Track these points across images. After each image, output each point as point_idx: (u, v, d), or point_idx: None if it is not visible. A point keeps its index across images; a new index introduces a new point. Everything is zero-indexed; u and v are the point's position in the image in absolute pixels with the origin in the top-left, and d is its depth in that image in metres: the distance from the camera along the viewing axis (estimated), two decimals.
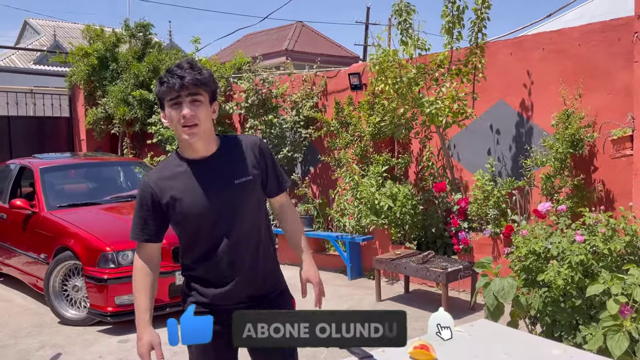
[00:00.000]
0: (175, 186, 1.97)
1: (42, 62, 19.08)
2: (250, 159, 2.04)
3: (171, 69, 1.91)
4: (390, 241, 6.07)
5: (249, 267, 2.01)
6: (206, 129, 1.94)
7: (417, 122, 5.91)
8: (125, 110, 8.92)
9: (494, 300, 3.47)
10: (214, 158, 2.00)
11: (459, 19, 5.38)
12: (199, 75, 1.90)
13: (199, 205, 1.95)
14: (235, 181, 1.98)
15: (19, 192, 6.50)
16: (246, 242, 2.01)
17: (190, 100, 1.89)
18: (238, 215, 1.98)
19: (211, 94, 1.96)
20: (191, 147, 1.95)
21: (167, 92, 1.90)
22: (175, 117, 1.91)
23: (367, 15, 22.36)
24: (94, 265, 4.74)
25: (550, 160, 4.99)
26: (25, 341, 4.61)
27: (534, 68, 5.49)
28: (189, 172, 1.97)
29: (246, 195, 2.00)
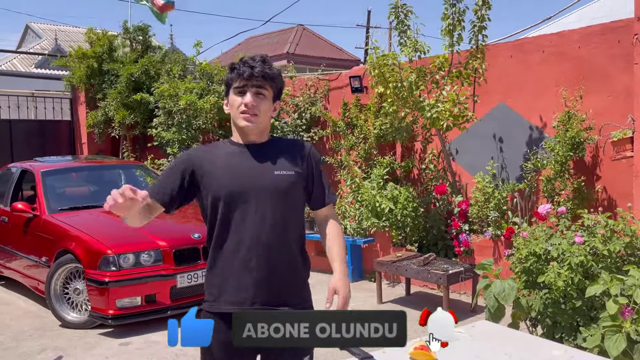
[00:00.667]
0: (216, 162, 1.98)
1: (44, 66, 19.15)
2: (295, 157, 2.03)
3: (244, 59, 1.96)
4: (392, 243, 6.07)
5: (274, 262, 1.94)
6: (263, 122, 1.98)
7: (418, 125, 5.92)
8: (125, 114, 8.94)
9: (495, 302, 3.47)
10: (263, 146, 2.02)
11: (459, 21, 5.39)
12: (268, 70, 1.95)
13: (234, 184, 1.94)
14: (275, 172, 1.97)
15: (20, 196, 6.51)
16: (276, 235, 1.95)
17: (255, 91, 1.93)
18: (273, 205, 1.94)
19: (276, 91, 2.00)
20: (245, 134, 1.98)
21: (235, 78, 1.95)
22: (236, 103, 1.95)
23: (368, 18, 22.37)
24: (95, 268, 4.74)
25: (551, 163, 5.00)
26: (27, 344, 4.61)
27: (534, 70, 5.50)
28: (234, 153, 2.00)
29: (286, 189, 1.97)
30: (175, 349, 4.37)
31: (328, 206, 2.14)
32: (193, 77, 8.58)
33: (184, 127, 8.05)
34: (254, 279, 1.93)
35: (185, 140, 8.06)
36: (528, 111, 5.56)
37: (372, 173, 6.31)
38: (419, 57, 5.58)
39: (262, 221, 1.93)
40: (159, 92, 8.25)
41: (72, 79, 9.62)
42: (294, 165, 2.01)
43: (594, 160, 5.07)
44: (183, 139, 8.02)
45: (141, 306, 4.78)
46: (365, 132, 6.56)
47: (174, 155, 8.14)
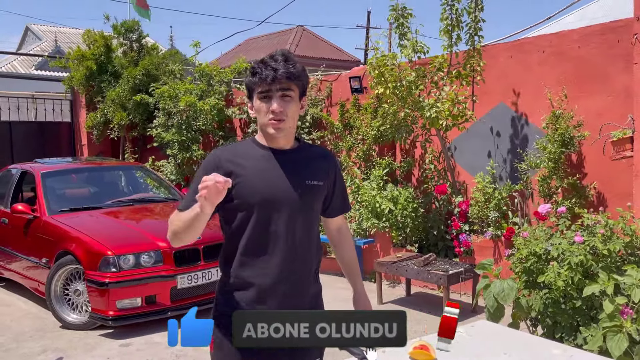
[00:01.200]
0: (246, 166, 1.85)
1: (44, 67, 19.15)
2: (322, 167, 1.97)
3: (265, 60, 1.85)
4: (392, 244, 6.07)
5: (301, 278, 1.88)
6: (292, 126, 1.88)
7: (418, 125, 5.92)
8: (123, 115, 8.94)
9: (494, 302, 3.48)
10: (294, 152, 1.93)
11: (458, 22, 5.40)
12: (292, 68, 1.82)
13: (268, 191, 1.83)
14: (307, 182, 1.89)
15: (20, 197, 6.51)
16: (306, 249, 1.89)
17: (281, 95, 1.82)
18: (303, 218, 1.87)
19: (302, 88, 1.89)
20: (273, 139, 1.89)
21: (258, 83, 1.83)
22: (263, 110, 1.84)
23: (368, 19, 22.41)
24: (95, 269, 4.74)
25: (544, 161, 5.00)
26: (27, 345, 4.61)
27: (534, 70, 5.50)
28: (264, 158, 1.88)
29: (313, 201, 1.91)
30: (175, 350, 4.37)
31: (342, 215, 2.12)
32: (193, 79, 8.59)
33: (184, 128, 8.06)
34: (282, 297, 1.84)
35: (185, 142, 8.07)
36: (528, 111, 5.57)
37: (371, 174, 6.32)
38: (419, 57, 5.59)
39: (293, 233, 1.85)
40: (159, 93, 8.27)
41: (71, 81, 9.63)
42: (322, 175, 1.95)
43: (591, 159, 5.07)
44: (183, 140, 8.03)
45: (141, 307, 4.78)
46: (363, 133, 6.57)
47: (173, 156, 8.15)
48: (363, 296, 2.09)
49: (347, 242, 2.13)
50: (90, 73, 9.37)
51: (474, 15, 5.32)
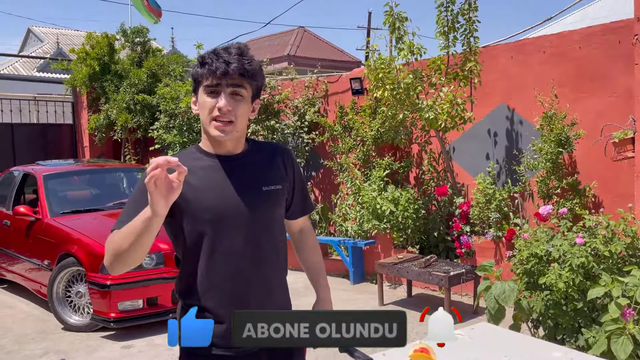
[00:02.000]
0: (192, 182, 1.60)
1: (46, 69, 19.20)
2: (278, 168, 1.77)
3: (217, 51, 1.62)
4: (393, 245, 6.07)
5: (266, 295, 1.70)
6: (240, 129, 1.66)
7: (417, 127, 5.92)
8: (127, 117, 8.97)
9: (495, 303, 3.47)
10: (244, 157, 1.71)
11: (454, 23, 5.41)
12: (248, 65, 1.61)
13: (220, 207, 1.63)
14: (264, 188, 1.70)
15: (22, 199, 6.53)
16: (268, 263, 1.70)
17: (230, 91, 1.60)
18: (265, 229, 1.69)
19: (256, 89, 1.67)
20: (219, 143, 1.67)
21: (207, 76, 1.60)
22: (208, 106, 1.61)
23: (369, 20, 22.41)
24: (97, 271, 4.75)
25: (542, 162, 4.99)
26: (29, 347, 4.62)
27: (534, 71, 5.50)
28: (211, 168, 1.66)
29: (273, 208, 1.72)
30: (176, 352, 4.36)
31: (305, 216, 1.93)
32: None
33: (185, 130, 8.08)
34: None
35: (187, 143, 8.09)
36: (529, 112, 5.56)
37: (371, 175, 6.32)
38: (416, 59, 5.60)
39: (256, 249, 1.67)
40: (161, 94, 8.28)
41: (74, 81, 9.65)
42: (280, 177, 1.75)
43: (592, 160, 5.06)
44: (184, 141, 8.05)
45: (143, 309, 4.78)
46: (362, 134, 6.58)
47: None
48: (325, 303, 1.88)
49: (310, 244, 1.94)
50: (93, 73, 9.39)
51: (467, 17, 5.32)
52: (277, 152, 1.80)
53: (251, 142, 1.77)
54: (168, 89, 8.26)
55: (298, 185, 1.84)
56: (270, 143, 1.87)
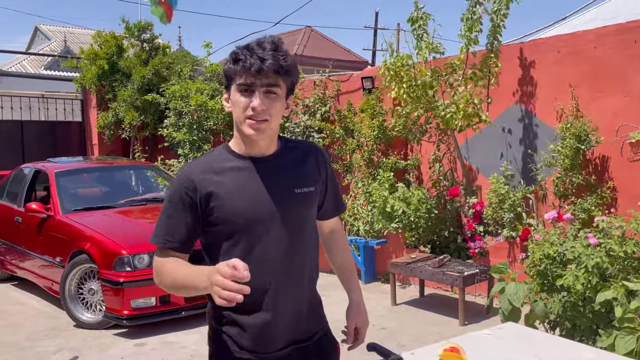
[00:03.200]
0: (224, 184, 1.59)
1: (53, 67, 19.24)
2: (311, 168, 1.72)
3: (251, 46, 1.56)
4: (405, 245, 6.05)
5: (298, 300, 1.68)
6: (274, 127, 1.61)
7: (432, 125, 5.89)
8: (135, 115, 8.97)
9: (509, 304, 3.44)
10: (276, 158, 1.67)
11: (478, 23, 5.39)
12: (283, 61, 1.54)
13: (253, 210, 1.59)
14: (296, 190, 1.65)
15: (33, 196, 6.53)
16: (300, 268, 1.67)
17: (265, 90, 1.55)
18: (297, 233, 1.65)
19: (290, 86, 1.62)
20: (251, 142, 1.62)
21: (240, 73, 1.54)
22: (242, 105, 1.56)
23: (376, 20, 22.40)
24: (110, 269, 4.75)
25: (560, 160, 4.95)
26: (42, 344, 4.62)
27: (548, 71, 5.46)
28: (243, 170, 1.62)
29: (306, 210, 1.69)
30: (190, 350, 4.37)
31: (336, 217, 1.90)
32: (204, 79, 8.59)
33: (195, 128, 8.06)
34: (282, 325, 1.65)
35: (196, 141, 8.08)
36: (543, 112, 5.53)
37: (378, 174, 6.30)
38: (434, 58, 5.58)
39: (289, 252, 1.63)
40: (170, 92, 8.28)
41: (83, 80, 9.66)
42: (312, 177, 1.71)
43: (608, 160, 5.02)
44: (194, 139, 8.03)
45: (156, 307, 4.78)
46: (363, 134, 6.57)
47: (184, 156, 8.15)
48: (360, 307, 1.86)
49: (341, 245, 1.92)
50: (102, 72, 9.40)
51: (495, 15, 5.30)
52: (310, 151, 1.76)
53: (283, 141, 1.73)
54: (178, 87, 8.25)
55: (330, 186, 1.81)
56: (303, 142, 1.82)
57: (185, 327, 4.79)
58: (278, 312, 1.64)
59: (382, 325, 4.79)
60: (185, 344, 4.48)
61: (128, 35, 9.50)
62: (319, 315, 1.80)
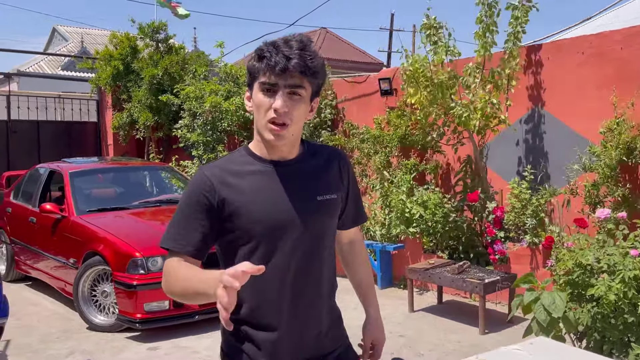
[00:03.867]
0: (243, 188, 1.51)
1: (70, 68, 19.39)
2: (334, 175, 1.64)
3: (276, 43, 1.46)
4: (422, 250, 5.91)
5: (317, 313, 1.60)
6: (296, 131, 1.53)
7: (449, 128, 5.76)
8: (149, 116, 8.94)
9: (547, 315, 3.29)
10: (298, 163, 1.59)
11: (493, 25, 5.27)
12: (310, 61, 1.45)
13: (272, 217, 1.51)
14: (318, 197, 1.58)
15: (48, 196, 6.51)
16: (319, 278, 1.59)
17: (289, 91, 1.46)
18: (317, 241, 1.57)
19: (316, 88, 1.53)
20: (272, 146, 1.54)
21: (264, 71, 1.46)
22: (264, 105, 1.47)
23: (391, 21, 22.27)
24: (123, 271, 4.68)
25: (600, 166, 4.76)
26: (55, 347, 4.57)
27: (572, 72, 5.31)
28: (263, 174, 1.54)
29: (327, 218, 1.61)
30: (203, 355, 4.28)
31: (357, 227, 1.81)
32: (218, 79, 8.54)
33: (209, 129, 8.01)
34: (300, 341, 1.57)
35: (210, 143, 8.02)
36: (566, 115, 5.37)
37: (396, 176, 6.18)
38: (450, 60, 5.47)
39: (309, 261, 1.56)
40: (184, 93, 8.23)
41: (99, 80, 9.67)
42: (335, 184, 1.63)
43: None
44: (208, 140, 7.98)
45: (169, 310, 4.70)
46: (386, 138, 6.44)
47: (198, 157, 8.10)
48: (377, 322, 1.79)
49: (360, 258, 1.83)
50: (117, 73, 9.39)
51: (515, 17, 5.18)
52: (333, 157, 1.67)
53: (306, 145, 1.65)
54: (192, 87, 8.20)
55: (352, 193, 1.72)
56: (326, 147, 1.74)
57: (198, 332, 4.71)
58: (296, 327, 1.56)
59: (400, 333, 4.66)
60: (197, 349, 4.40)
61: (142, 36, 9.48)
62: (340, 329, 1.72)
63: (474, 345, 4.33)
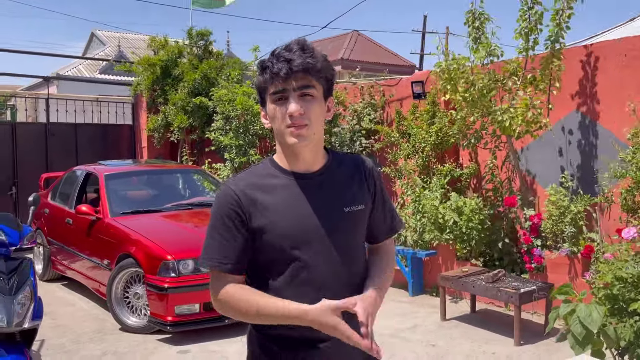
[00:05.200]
0: (268, 203, 1.50)
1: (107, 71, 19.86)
2: (361, 184, 1.60)
3: (276, 52, 1.47)
4: (455, 257, 5.79)
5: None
6: (317, 132, 1.50)
7: (487, 131, 5.62)
8: (184, 118, 9.05)
9: (582, 328, 3.15)
10: (323, 175, 1.56)
11: (536, 24, 5.11)
12: (311, 58, 1.44)
13: (300, 231, 1.49)
14: (345, 209, 1.54)
15: (84, 198, 6.64)
16: (350, 290, 1.52)
17: (299, 94, 1.45)
18: (346, 253, 1.54)
19: (326, 85, 1.51)
20: (296, 155, 1.52)
21: (270, 81, 1.46)
22: (279, 115, 1.46)
23: (424, 23, 22.01)
24: (155, 274, 4.72)
25: (632, 170, 4.58)
26: (88, 347, 4.64)
27: (614, 76, 5.11)
28: (289, 188, 1.52)
29: (355, 230, 1.58)
30: None
31: (391, 238, 1.73)
32: (251, 83, 8.58)
33: (241, 132, 8.05)
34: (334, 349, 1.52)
35: (242, 146, 8.06)
36: (606, 119, 5.17)
37: (431, 182, 6.06)
38: (491, 61, 5.33)
39: (337, 274, 1.52)
40: (218, 97, 8.30)
41: (139, 86, 9.86)
42: (362, 194, 1.59)
43: None
44: (240, 144, 8.02)
45: (199, 314, 4.72)
46: (420, 140, 6.32)
47: (231, 160, 8.14)
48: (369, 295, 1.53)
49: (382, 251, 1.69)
50: (156, 77, 9.55)
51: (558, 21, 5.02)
52: (359, 165, 1.64)
53: (331, 155, 1.62)
54: (225, 91, 8.26)
55: (380, 199, 1.66)
56: (351, 155, 1.69)
57: (228, 336, 4.71)
58: (328, 341, 1.51)
59: (432, 342, 4.56)
60: (227, 354, 4.39)
61: (189, 43, 9.64)
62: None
63: (509, 357, 4.20)
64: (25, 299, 3.16)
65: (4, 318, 3.02)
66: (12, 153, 9.19)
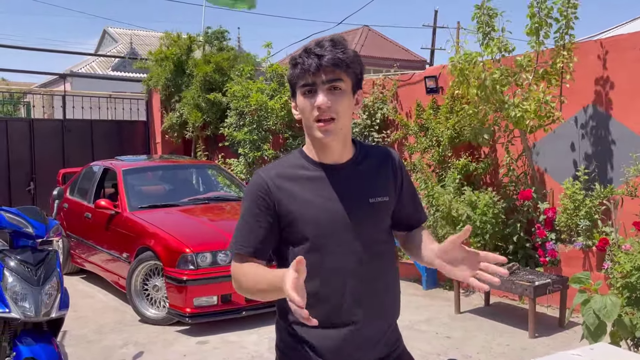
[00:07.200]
0: (297, 193, 1.56)
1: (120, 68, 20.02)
2: (387, 177, 1.65)
3: (308, 48, 1.54)
4: None
5: (374, 315, 1.59)
6: (345, 126, 1.55)
7: (500, 126, 5.65)
8: (198, 115, 9.13)
9: (595, 319, 3.20)
10: (350, 167, 1.61)
11: (546, 19, 5.13)
12: (341, 53, 1.50)
13: (325, 221, 1.54)
14: (370, 200, 1.59)
15: (102, 193, 6.75)
16: (375, 281, 1.59)
17: (328, 87, 1.50)
18: (371, 244, 1.58)
19: (355, 79, 1.56)
20: (324, 147, 1.57)
21: (300, 75, 1.52)
22: (308, 107, 1.52)
23: (435, 18, 21.96)
24: (174, 266, 4.81)
25: None
26: (109, 337, 4.74)
27: (630, 69, 5.11)
28: (317, 179, 1.58)
29: (380, 221, 1.63)
30: (250, 350, 4.36)
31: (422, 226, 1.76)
32: (265, 79, 8.64)
33: (255, 128, 8.12)
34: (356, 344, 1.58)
35: (256, 141, 8.13)
36: (622, 113, 5.18)
37: (446, 176, 6.10)
38: (503, 56, 5.35)
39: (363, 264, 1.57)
40: (231, 92, 8.38)
41: (150, 80, 9.93)
42: (387, 185, 1.64)
43: None
44: (254, 139, 8.10)
45: (217, 305, 4.81)
46: (438, 134, 6.35)
47: (244, 155, 8.22)
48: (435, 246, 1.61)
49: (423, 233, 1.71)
50: (169, 73, 9.64)
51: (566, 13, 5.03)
52: (385, 158, 1.69)
53: (359, 147, 1.67)
54: (239, 87, 8.34)
55: (407, 190, 1.71)
56: (379, 147, 1.74)
57: (246, 327, 4.80)
58: (353, 328, 1.57)
59: (446, 334, 4.62)
60: (245, 344, 4.48)
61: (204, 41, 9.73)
62: (397, 331, 1.72)
63: (524, 349, 4.24)
64: (52, 290, 3.25)
65: (32, 308, 3.12)
66: (30, 149, 9.34)
